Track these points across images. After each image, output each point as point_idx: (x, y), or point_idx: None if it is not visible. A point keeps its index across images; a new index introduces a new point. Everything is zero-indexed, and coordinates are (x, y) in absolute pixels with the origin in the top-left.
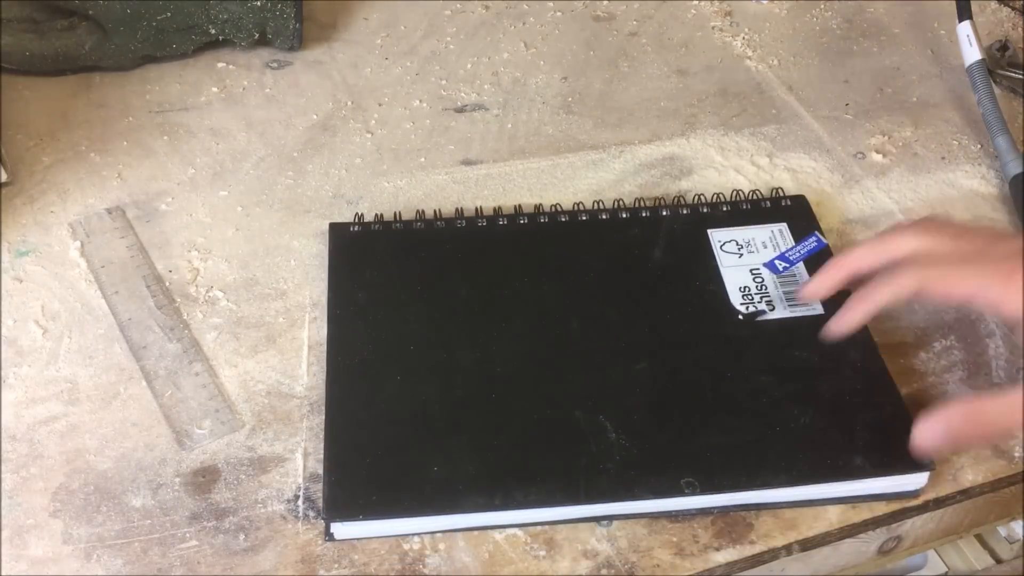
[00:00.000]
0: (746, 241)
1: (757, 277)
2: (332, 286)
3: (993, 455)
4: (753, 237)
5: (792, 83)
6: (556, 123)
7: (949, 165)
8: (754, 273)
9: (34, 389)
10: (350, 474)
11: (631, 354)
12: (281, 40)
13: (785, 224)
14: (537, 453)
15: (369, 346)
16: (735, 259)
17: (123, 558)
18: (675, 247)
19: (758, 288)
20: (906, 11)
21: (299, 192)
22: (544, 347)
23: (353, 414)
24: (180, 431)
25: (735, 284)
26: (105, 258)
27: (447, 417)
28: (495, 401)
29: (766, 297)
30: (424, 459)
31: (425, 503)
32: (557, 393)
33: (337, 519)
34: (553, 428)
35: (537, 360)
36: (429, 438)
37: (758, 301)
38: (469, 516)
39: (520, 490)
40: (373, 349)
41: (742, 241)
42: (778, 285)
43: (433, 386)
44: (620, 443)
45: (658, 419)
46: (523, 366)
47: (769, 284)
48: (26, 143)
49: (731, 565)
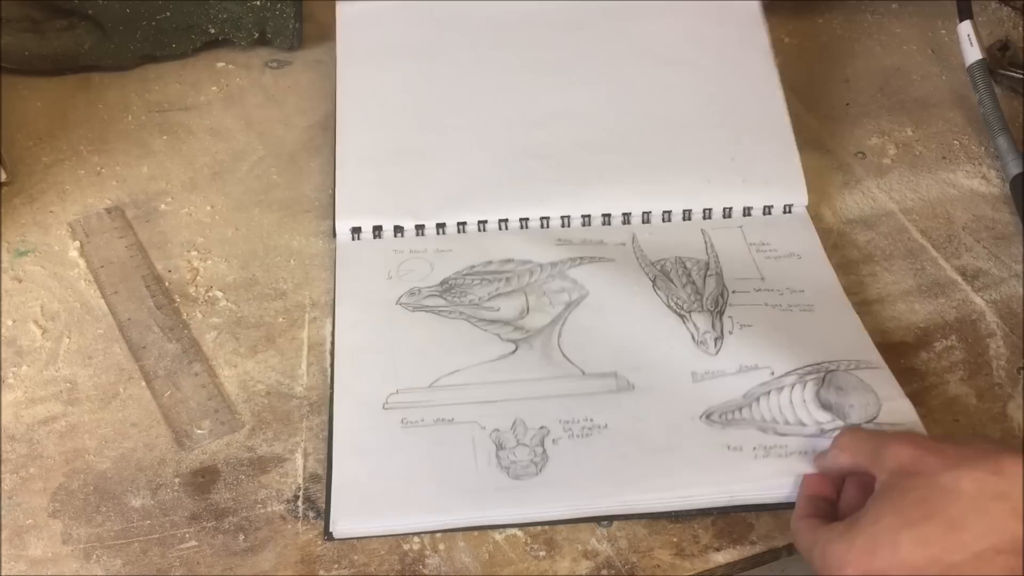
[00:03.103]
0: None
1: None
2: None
3: None
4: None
5: (793, 83)
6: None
7: (950, 165)
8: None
9: (34, 389)
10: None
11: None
12: (281, 40)
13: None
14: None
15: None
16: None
17: (123, 558)
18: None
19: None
20: (906, 11)
21: (299, 192)
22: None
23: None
24: (180, 431)
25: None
26: (104, 258)
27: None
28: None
29: None
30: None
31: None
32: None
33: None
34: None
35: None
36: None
37: None
38: (469, 514)
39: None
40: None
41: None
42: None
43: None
44: None
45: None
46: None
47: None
48: (26, 143)
49: (731, 565)
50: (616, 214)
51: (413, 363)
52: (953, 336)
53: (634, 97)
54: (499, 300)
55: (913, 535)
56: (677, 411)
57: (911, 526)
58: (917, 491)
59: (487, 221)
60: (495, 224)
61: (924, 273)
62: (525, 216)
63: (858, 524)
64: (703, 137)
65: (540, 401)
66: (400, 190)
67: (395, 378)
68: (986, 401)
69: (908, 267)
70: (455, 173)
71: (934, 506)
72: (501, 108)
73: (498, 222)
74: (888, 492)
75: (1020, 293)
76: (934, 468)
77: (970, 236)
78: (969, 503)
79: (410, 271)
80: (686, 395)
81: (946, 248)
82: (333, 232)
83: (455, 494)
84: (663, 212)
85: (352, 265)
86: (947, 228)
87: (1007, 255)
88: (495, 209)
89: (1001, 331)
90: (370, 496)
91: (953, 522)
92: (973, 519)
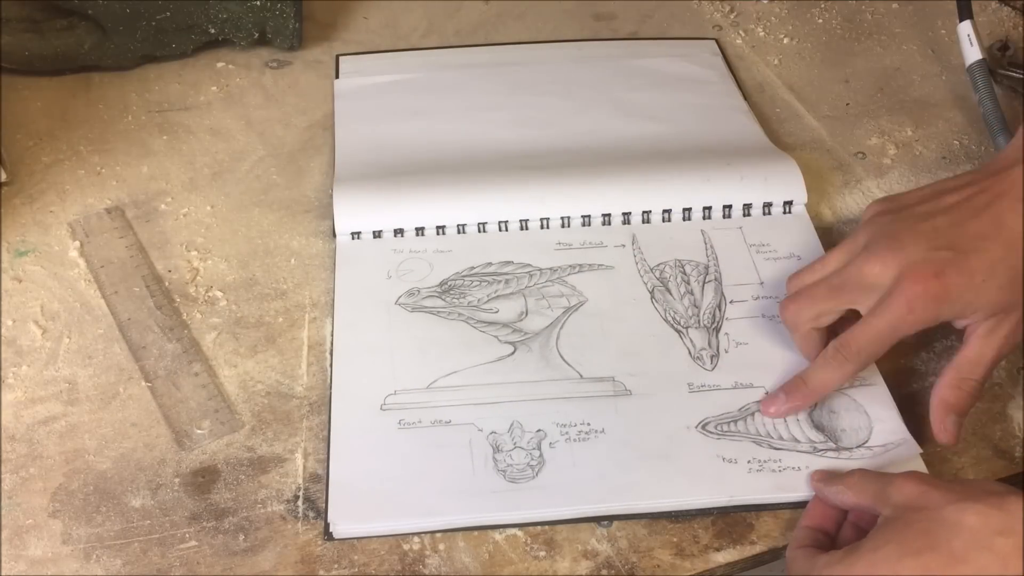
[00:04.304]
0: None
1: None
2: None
3: (993, 455)
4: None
5: (793, 83)
6: None
7: (950, 165)
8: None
9: (33, 389)
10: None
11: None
12: (281, 40)
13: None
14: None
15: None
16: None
17: (123, 558)
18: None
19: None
20: (906, 11)
21: (299, 192)
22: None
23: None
24: (179, 431)
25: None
26: (104, 258)
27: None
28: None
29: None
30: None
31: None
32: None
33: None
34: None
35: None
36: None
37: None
38: (465, 516)
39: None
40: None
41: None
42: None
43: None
44: None
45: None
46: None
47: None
48: (26, 143)
49: (731, 565)
50: (616, 214)
51: (411, 364)
52: (953, 336)
53: (618, 143)
54: (498, 302)
55: (914, 563)
56: (673, 419)
57: (912, 555)
58: (920, 523)
59: (487, 222)
60: (495, 225)
61: None
62: (525, 217)
63: (858, 551)
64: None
65: (537, 404)
66: (400, 194)
67: (393, 379)
68: (986, 401)
69: None
70: (453, 179)
71: (937, 538)
72: (495, 144)
73: (498, 223)
74: (892, 523)
75: None
76: (938, 502)
77: None
78: (972, 537)
79: (409, 271)
80: (682, 404)
81: None
82: (333, 232)
83: (452, 496)
84: (663, 211)
85: (352, 265)
86: None
87: None
88: (495, 210)
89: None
90: (368, 497)
91: (955, 555)
92: (975, 553)
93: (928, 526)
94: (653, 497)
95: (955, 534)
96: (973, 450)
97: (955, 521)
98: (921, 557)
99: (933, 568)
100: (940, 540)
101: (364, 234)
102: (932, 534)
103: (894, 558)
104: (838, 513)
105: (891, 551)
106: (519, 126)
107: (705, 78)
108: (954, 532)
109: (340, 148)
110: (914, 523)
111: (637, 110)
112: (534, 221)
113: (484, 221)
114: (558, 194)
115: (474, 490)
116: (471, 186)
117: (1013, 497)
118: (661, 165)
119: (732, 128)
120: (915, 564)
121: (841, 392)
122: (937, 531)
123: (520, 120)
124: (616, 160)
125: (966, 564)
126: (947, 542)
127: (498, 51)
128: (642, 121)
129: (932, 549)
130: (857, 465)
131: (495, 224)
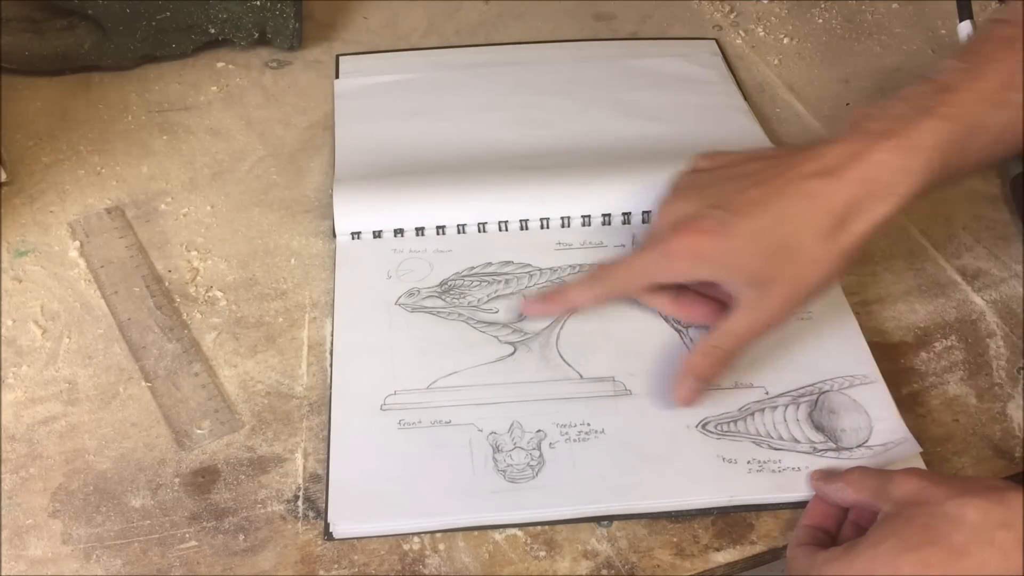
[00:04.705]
0: None
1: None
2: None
3: (993, 455)
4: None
5: (793, 83)
6: None
7: None
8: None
9: (33, 389)
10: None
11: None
12: (281, 40)
13: None
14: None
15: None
16: None
17: (123, 558)
18: None
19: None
20: (906, 11)
21: (299, 192)
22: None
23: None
24: (179, 431)
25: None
26: (104, 258)
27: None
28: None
29: None
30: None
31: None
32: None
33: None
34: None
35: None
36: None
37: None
38: (465, 516)
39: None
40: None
41: None
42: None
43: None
44: None
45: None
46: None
47: None
48: (26, 143)
49: (731, 565)
50: (616, 214)
51: (411, 364)
52: (953, 336)
53: (619, 143)
54: (498, 302)
55: (914, 558)
56: (673, 419)
57: (913, 550)
58: (921, 518)
59: (487, 222)
60: (495, 225)
61: (924, 273)
62: (525, 217)
63: (858, 547)
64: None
65: (537, 404)
66: (400, 194)
67: (393, 379)
68: (986, 401)
69: (908, 267)
70: (453, 179)
71: (937, 532)
72: (495, 144)
73: (498, 223)
74: (892, 519)
75: (1020, 293)
76: (939, 497)
77: (970, 236)
78: (973, 531)
79: (409, 271)
80: None
81: (946, 248)
82: (333, 232)
83: (452, 496)
84: None
85: (352, 265)
86: (947, 228)
87: (1007, 255)
88: (495, 210)
89: (1001, 331)
90: (368, 497)
91: (956, 549)
92: (976, 547)
93: (928, 521)
94: (653, 497)
95: (956, 528)
96: (973, 450)
97: (956, 515)
98: (921, 552)
99: (933, 563)
100: (940, 535)
101: (364, 234)
102: (932, 529)
103: (894, 553)
104: (838, 511)
105: (891, 546)
106: (519, 126)
107: (705, 78)
108: (955, 526)
109: (340, 148)
110: (914, 518)
111: (637, 110)
112: (534, 221)
113: (484, 221)
114: (558, 194)
115: (474, 490)
116: (471, 186)
117: (1013, 492)
118: (661, 165)
119: (732, 128)
120: (915, 559)
121: (841, 392)
122: (937, 526)
123: (520, 120)
124: (616, 160)
125: (967, 558)
126: (947, 536)
127: (498, 51)
128: (642, 121)
129: (932, 544)
130: (857, 464)
131: (495, 224)
